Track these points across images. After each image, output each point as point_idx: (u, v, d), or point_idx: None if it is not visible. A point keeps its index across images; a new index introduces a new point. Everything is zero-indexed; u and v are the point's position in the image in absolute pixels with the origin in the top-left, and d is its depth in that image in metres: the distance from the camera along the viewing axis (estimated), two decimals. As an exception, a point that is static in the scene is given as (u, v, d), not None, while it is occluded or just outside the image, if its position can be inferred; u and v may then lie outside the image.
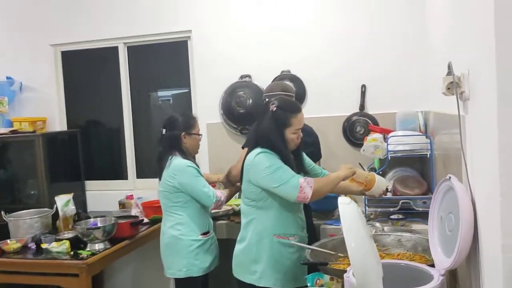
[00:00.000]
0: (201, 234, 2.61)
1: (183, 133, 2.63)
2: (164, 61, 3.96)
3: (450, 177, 1.46)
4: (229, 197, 2.74)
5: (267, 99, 2.65)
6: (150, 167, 3.94)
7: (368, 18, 3.30)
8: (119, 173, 4.03)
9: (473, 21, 1.33)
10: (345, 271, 1.58)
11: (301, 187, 2.10)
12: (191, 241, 2.59)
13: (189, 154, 2.69)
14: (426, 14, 2.87)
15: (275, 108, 2.17)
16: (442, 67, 2.13)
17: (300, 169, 2.28)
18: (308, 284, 1.72)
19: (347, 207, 1.20)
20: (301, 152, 2.34)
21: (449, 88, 1.46)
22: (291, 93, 2.75)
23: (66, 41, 3.94)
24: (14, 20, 3.98)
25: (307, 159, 2.41)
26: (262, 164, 2.13)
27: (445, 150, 2.12)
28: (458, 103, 1.43)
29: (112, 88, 3.97)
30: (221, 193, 2.63)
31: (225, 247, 3.14)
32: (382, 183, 2.30)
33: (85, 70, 4.06)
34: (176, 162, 2.58)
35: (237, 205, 3.24)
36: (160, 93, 4.14)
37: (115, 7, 3.78)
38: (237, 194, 3.49)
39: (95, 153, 4.13)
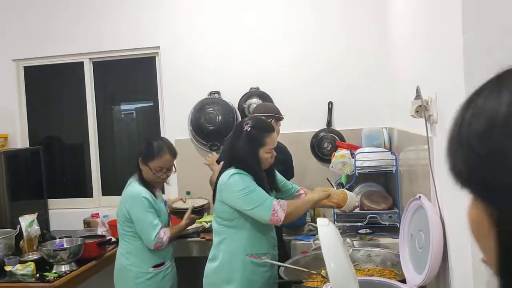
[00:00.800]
0: (152, 267, 2.46)
1: (139, 158, 2.50)
2: (130, 75, 3.93)
3: (420, 196, 1.52)
4: (173, 237, 2.57)
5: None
6: (116, 184, 3.87)
7: (335, 37, 3.40)
8: (84, 191, 3.94)
9: (441, 46, 1.41)
10: (320, 289, 1.62)
11: (274, 210, 2.13)
12: (140, 273, 2.45)
13: (150, 183, 2.49)
14: (392, 36, 2.99)
15: (249, 128, 2.19)
16: (407, 86, 2.23)
17: (272, 186, 2.31)
18: (286, 303, 1.74)
19: (326, 229, 1.24)
20: (274, 170, 2.37)
21: (417, 111, 1.53)
22: (279, 114, 2.81)
23: (29, 56, 3.84)
24: (-26, 34, 3.86)
25: (278, 176, 2.45)
26: (236, 186, 2.15)
27: (411, 167, 2.20)
28: (427, 125, 1.50)
29: (76, 103, 3.90)
30: (164, 234, 2.43)
31: (194, 266, 3.13)
32: (353, 199, 2.36)
33: (48, 86, 3.97)
34: (131, 188, 2.47)
35: (207, 222, 3.23)
36: (123, 107, 4.10)
37: (81, 22, 3.73)
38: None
39: (58, 170, 4.03)
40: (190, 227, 2.99)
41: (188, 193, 3.57)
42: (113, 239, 3.16)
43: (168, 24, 3.62)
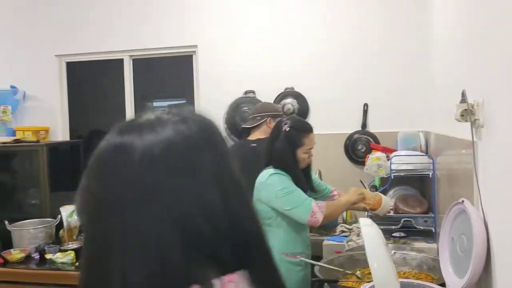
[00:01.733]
0: None
1: None
2: (167, 73, 4.01)
3: (463, 201, 1.52)
4: None
5: (258, 118, 2.86)
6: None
7: (373, 39, 3.38)
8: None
9: (490, 46, 1.40)
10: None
11: (313, 211, 2.17)
12: None
13: None
14: (432, 36, 2.96)
15: (288, 129, 2.23)
16: (448, 90, 2.22)
17: (308, 186, 2.34)
18: (324, 301, 1.77)
19: (369, 229, 1.26)
20: (310, 170, 2.40)
21: (462, 115, 1.53)
22: (281, 112, 2.90)
23: (71, 52, 3.97)
24: (21, 30, 4.01)
25: (314, 176, 2.47)
26: (276, 186, 2.19)
27: (451, 171, 2.19)
28: (472, 130, 1.49)
29: (115, 98, 4.00)
30: None
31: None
32: (387, 203, 2.37)
33: (89, 81, 4.10)
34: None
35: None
36: (156, 104, 4.19)
37: (122, 19, 3.83)
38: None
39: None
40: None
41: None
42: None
43: (206, 23, 3.68)
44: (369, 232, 1.23)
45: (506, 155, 1.22)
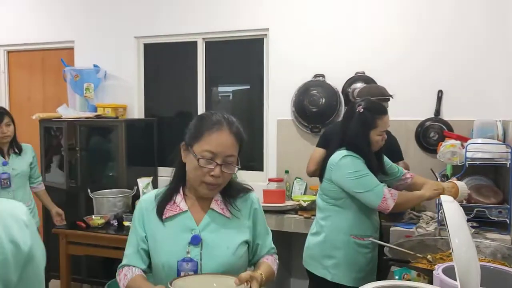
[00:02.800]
0: None
1: None
2: (238, 57, 4.10)
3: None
4: None
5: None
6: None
7: (447, 22, 3.28)
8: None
9: None
10: (431, 270, 1.64)
11: (385, 197, 2.18)
12: None
13: None
14: (511, 20, 2.83)
15: (362, 110, 2.24)
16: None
17: (381, 168, 2.34)
18: (396, 278, 1.78)
19: (451, 205, 1.26)
20: (382, 153, 2.39)
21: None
22: (385, 96, 2.76)
23: (149, 34, 4.16)
24: (104, 12, 4.26)
25: (386, 159, 2.46)
26: (348, 168, 2.21)
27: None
28: None
29: (188, 80, 4.16)
30: None
31: (288, 239, 3.24)
32: (464, 191, 2.32)
33: (164, 62, 4.28)
34: None
35: (304, 201, 3.33)
36: (221, 89, 4.28)
37: (196, 3, 3.96)
38: (303, 190, 3.60)
39: (168, 141, 4.34)
40: (291, 202, 3.15)
41: (286, 171, 3.69)
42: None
43: (278, 6, 3.72)
44: (450, 208, 1.23)
45: None
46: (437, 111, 3.32)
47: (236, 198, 1.57)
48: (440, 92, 3.31)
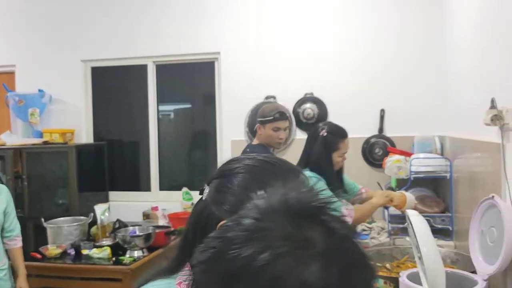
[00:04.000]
0: None
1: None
2: (190, 78, 4.17)
3: (493, 196, 1.69)
4: None
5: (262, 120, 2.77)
6: (171, 180, 4.15)
7: (388, 45, 3.55)
8: (142, 185, 4.19)
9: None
10: (393, 278, 1.80)
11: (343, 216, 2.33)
12: None
13: None
14: (448, 40, 3.13)
15: (325, 133, 2.40)
16: (469, 96, 2.39)
17: (341, 186, 2.51)
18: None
19: (417, 218, 1.42)
20: (343, 172, 2.57)
21: (492, 120, 1.70)
22: (270, 118, 2.75)
23: (97, 58, 4.12)
24: (48, 36, 4.16)
25: (345, 177, 2.64)
26: None
27: (471, 173, 2.35)
28: (501, 133, 1.67)
29: (139, 103, 4.16)
30: None
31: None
32: (412, 200, 2.53)
33: (113, 85, 4.25)
34: None
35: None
36: (161, 107, 4.31)
37: (146, 26, 3.99)
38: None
39: (119, 165, 4.29)
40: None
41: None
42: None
43: (229, 30, 3.84)
44: (417, 221, 1.39)
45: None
46: (381, 129, 3.58)
47: None
48: (383, 111, 3.58)
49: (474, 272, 1.77)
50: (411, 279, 1.72)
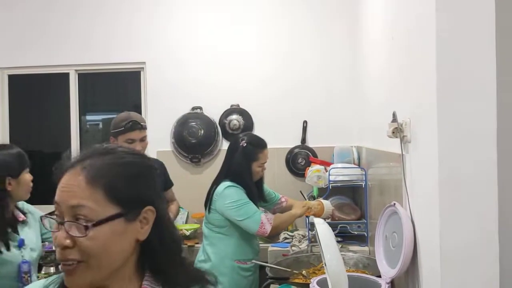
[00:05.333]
0: None
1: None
2: (115, 88, 4.08)
3: (394, 204, 1.81)
4: None
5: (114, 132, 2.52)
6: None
7: (310, 62, 3.72)
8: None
9: (415, 74, 1.71)
10: (308, 284, 1.87)
11: (262, 223, 2.40)
12: None
13: None
14: (364, 58, 3.32)
15: (245, 144, 2.45)
16: (378, 110, 2.55)
17: (260, 196, 2.57)
18: (279, 294, 1.98)
19: (323, 226, 1.49)
20: (263, 182, 2.63)
21: (393, 132, 1.83)
22: (120, 129, 2.50)
23: (15, 65, 3.93)
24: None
25: (265, 186, 2.71)
26: (231, 198, 2.40)
27: (381, 181, 2.51)
28: (401, 144, 1.80)
29: (60, 112, 4.00)
30: None
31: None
32: (329, 208, 2.66)
33: (32, 94, 4.07)
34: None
35: (187, 230, 3.43)
36: (89, 117, 4.22)
37: (68, 34, 3.87)
38: (185, 219, 3.70)
39: (40, 176, 4.08)
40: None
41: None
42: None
43: (154, 40, 3.83)
44: (322, 229, 1.46)
45: (427, 165, 1.52)
46: (303, 139, 3.71)
47: None
48: (305, 122, 3.71)
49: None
50: (321, 285, 1.79)
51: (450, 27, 1.40)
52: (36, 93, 4.07)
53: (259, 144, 2.53)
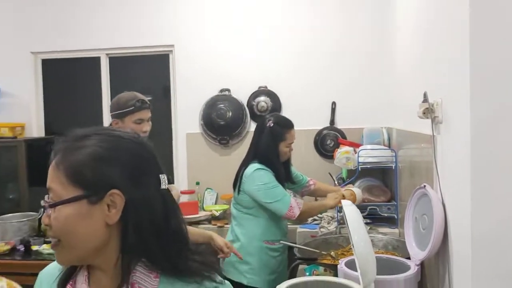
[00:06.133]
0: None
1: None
2: (145, 71, 4.13)
3: (425, 186, 1.78)
4: None
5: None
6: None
7: (340, 42, 3.64)
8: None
9: (448, 53, 1.66)
10: (336, 265, 1.88)
11: (291, 206, 2.41)
12: None
13: None
14: (393, 38, 3.24)
15: (272, 124, 2.45)
16: (410, 90, 2.50)
17: (288, 177, 2.57)
18: (307, 274, 1.99)
19: (351, 208, 1.49)
20: (290, 163, 2.63)
21: (424, 113, 1.79)
22: (125, 110, 2.36)
23: (48, 50, 4.02)
24: (-4, 26, 4.03)
25: (292, 169, 2.71)
26: (260, 180, 2.41)
27: (411, 163, 2.47)
28: (433, 125, 1.76)
29: (92, 96, 4.09)
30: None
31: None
32: (360, 196, 2.66)
33: (65, 78, 4.16)
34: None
35: (216, 210, 3.48)
36: None
37: (99, 18, 3.92)
38: (214, 200, 3.75)
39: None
40: (203, 213, 3.29)
41: (197, 183, 3.80)
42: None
43: (182, 23, 3.83)
44: (350, 211, 1.46)
45: (459, 146, 1.48)
46: (332, 121, 3.67)
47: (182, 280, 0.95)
48: (334, 103, 3.67)
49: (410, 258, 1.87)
50: (349, 266, 1.80)
51: (484, 3, 1.35)
52: (69, 77, 4.16)
53: (286, 124, 2.52)
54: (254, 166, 2.46)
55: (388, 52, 3.39)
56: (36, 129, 4.08)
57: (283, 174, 2.52)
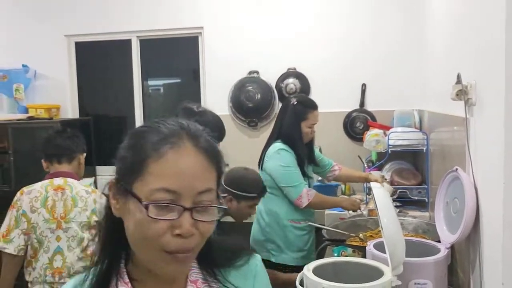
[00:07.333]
0: None
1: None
2: (174, 53, 4.18)
3: (457, 169, 1.76)
4: None
5: None
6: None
7: (369, 22, 3.59)
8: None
9: (482, 35, 1.61)
10: (365, 247, 1.89)
11: (301, 196, 2.44)
12: None
13: None
14: (425, 20, 3.16)
15: (295, 103, 2.46)
16: (441, 72, 2.44)
17: (311, 160, 2.58)
18: (335, 255, 2.02)
19: (380, 190, 1.49)
20: (313, 145, 2.64)
21: (457, 95, 1.75)
22: None
23: (80, 32, 4.11)
24: (31, 10, 4.13)
25: (317, 152, 2.71)
26: (280, 161, 2.44)
27: (443, 146, 2.43)
28: (466, 107, 1.72)
29: (123, 78, 4.17)
30: None
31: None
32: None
33: (98, 60, 4.25)
34: None
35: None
36: (151, 82, 4.34)
37: (130, 1, 3.97)
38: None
39: (105, 140, 4.32)
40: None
41: (227, 165, 3.85)
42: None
43: (212, 5, 3.84)
44: (379, 193, 1.46)
45: (493, 129, 1.45)
46: (362, 103, 3.63)
47: (228, 268, 0.93)
48: (364, 85, 3.62)
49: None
50: (378, 248, 1.80)
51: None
52: (101, 60, 4.25)
53: (309, 104, 2.53)
54: (276, 146, 2.48)
55: (419, 33, 3.31)
56: (71, 110, 4.20)
57: (306, 155, 2.53)
